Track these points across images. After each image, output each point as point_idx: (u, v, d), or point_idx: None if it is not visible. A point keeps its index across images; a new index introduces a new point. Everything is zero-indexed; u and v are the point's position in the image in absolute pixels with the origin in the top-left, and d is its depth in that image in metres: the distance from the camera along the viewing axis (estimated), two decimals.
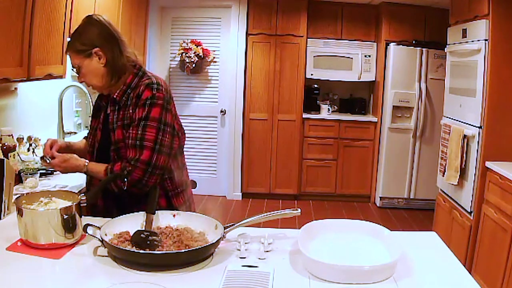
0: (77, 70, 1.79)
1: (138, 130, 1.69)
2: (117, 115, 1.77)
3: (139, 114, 1.70)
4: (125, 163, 1.68)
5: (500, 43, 3.26)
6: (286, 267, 1.35)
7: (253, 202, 5.33)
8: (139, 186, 1.68)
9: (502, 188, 3.04)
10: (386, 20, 5.18)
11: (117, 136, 1.75)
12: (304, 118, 5.36)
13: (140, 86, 1.75)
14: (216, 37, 5.27)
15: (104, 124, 1.83)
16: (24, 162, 2.43)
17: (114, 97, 1.79)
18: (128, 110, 1.74)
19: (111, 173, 1.68)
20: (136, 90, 1.75)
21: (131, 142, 1.69)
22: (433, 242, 1.62)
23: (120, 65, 1.77)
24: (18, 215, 1.40)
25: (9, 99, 2.69)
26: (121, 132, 1.74)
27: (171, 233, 1.47)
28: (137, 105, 1.71)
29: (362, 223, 1.59)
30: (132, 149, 1.68)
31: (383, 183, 5.29)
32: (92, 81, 1.78)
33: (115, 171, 1.67)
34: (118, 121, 1.76)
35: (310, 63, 5.39)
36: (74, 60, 1.77)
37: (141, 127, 1.69)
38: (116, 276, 1.25)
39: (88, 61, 1.75)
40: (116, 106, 1.79)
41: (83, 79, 1.80)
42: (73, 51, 1.76)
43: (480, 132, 3.36)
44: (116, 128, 1.76)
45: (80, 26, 1.78)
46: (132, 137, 1.69)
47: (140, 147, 1.67)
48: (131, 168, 1.66)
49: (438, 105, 4.87)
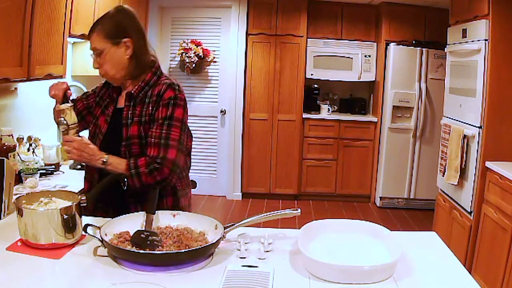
0: (96, 55, 1.73)
1: (162, 129, 1.69)
2: (133, 111, 1.75)
3: (162, 113, 1.70)
4: (149, 160, 1.66)
5: (500, 43, 3.26)
6: (286, 267, 1.35)
7: (253, 202, 5.33)
8: (164, 184, 1.69)
9: (502, 188, 3.04)
10: (386, 20, 5.18)
11: (131, 132, 1.73)
12: (304, 118, 5.36)
13: (160, 85, 1.75)
14: (216, 37, 5.28)
15: (114, 118, 1.79)
16: (24, 162, 2.43)
17: (131, 93, 1.76)
18: (146, 107, 1.73)
19: (135, 168, 1.66)
20: (155, 88, 1.75)
21: (155, 141, 1.68)
22: (433, 242, 1.62)
23: (143, 61, 1.77)
24: (18, 215, 1.40)
25: (9, 99, 2.69)
26: (136, 128, 1.73)
27: (171, 233, 1.47)
28: (159, 103, 1.71)
29: (362, 223, 1.59)
30: (156, 147, 1.67)
31: (383, 183, 5.29)
32: (111, 71, 1.74)
33: (140, 166, 1.65)
34: (134, 117, 1.74)
35: (310, 63, 5.39)
36: (99, 44, 1.71)
37: (166, 126, 1.69)
38: (116, 276, 1.25)
39: (114, 49, 1.72)
40: (131, 102, 1.76)
41: (101, 66, 1.74)
42: (101, 35, 1.71)
43: (480, 132, 3.36)
44: (131, 124, 1.74)
45: (112, 12, 1.75)
46: (156, 135, 1.68)
47: (165, 146, 1.67)
48: (158, 166, 1.65)
49: (438, 105, 4.87)
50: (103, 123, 1.81)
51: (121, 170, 1.67)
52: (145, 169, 1.65)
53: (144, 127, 1.72)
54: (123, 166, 1.67)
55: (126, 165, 1.67)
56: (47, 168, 2.57)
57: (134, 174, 1.65)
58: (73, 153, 1.66)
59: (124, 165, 1.67)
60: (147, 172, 1.65)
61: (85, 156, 1.67)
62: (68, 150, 1.67)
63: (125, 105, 1.77)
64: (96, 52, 1.73)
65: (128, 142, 1.73)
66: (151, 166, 1.65)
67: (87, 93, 1.97)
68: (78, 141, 1.67)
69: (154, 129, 1.69)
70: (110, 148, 1.72)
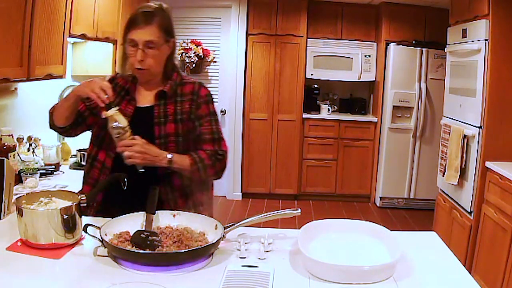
0: (144, 46, 1.68)
1: (212, 125, 1.79)
2: (164, 108, 1.76)
3: (205, 110, 1.79)
4: (210, 153, 1.75)
5: (500, 43, 3.26)
6: (286, 267, 1.35)
7: (253, 202, 5.33)
8: (221, 175, 1.81)
9: (502, 188, 3.04)
10: (386, 20, 5.18)
11: (168, 130, 1.74)
12: (304, 118, 5.36)
13: (189, 84, 1.81)
14: (216, 37, 5.27)
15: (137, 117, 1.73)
16: (24, 162, 2.43)
17: (164, 91, 1.77)
18: (180, 105, 1.77)
19: (200, 161, 1.71)
20: (184, 87, 1.80)
21: (209, 136, 1.78)
22: (433, 242, 1.62)
23: (173, 62, 1.83)
24: (18, 215, 1.40)
25: (9, 99, 2.69)
26: (174, 126, 1.75)
27: (171, 233, 1.47)
28: (197, 101, 1.78)
29: (362, 223, 1.59)
30: (211, 141, 1.78)
31: (383, 183, 5.29)
32: (154, 66, 1.73)
33: (204, 159, 1.73)
34: (169, 115, 1.75)
35: (310, 63, 5.39)
36: (155, 37, 1.68)
37: (213, 121, 1.80)
38: (116, 276, 1.25)
39: (164, 46, 1.74)
40: (162, 100, 1.77)
41: (145, 59, 1.69)
42: (160, 28, 1.70)
43: (480, 132, 3.36)
44: (166, 122, 1.74)
45: (164, 8, 1.77)
46: (208, 131, 1.78)
47: (218, 140, 1.80)
48: (220, 157, 1.78)
49: (438, 105, 4.87)
50: None
51: (185, 166, 1.70)
52: (209, 162, 1.74)
53: (182, 125, 1.75)
54: (187, 161, 1.70)
55: (191, 160, 1.70)
56: (47, 168, 2.57)
57: (201, 168, 1.71)
58: (136, 157, 1.60)
59: (188, 160, 1.70)
60: (211, 164, 1.74)
61: (149, 158, 1.62)
62: (129, 155, 1.60)
63: (155, 104, 1.77)
64: (146, 44, 1.68)
65: (164, 140, 1.73)
66: (213, 158, 1.75)
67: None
68: (139, 144, 1.61)
69: (205, 126, 1.78)
70: None
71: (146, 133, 1.69)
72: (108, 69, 3.50)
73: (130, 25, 1.71)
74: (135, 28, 1.69)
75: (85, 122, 1.84)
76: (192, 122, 1.78)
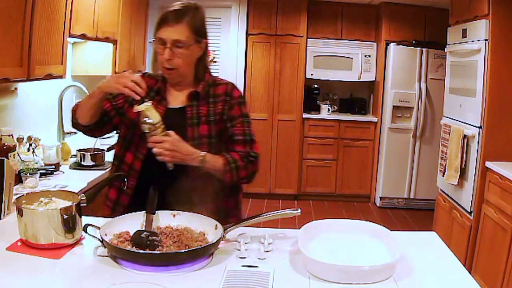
0: (173, 45, 1.62)
1: (244, 126, 1.74)
2: (197, 109, 1.71)
3: (238, 112, 1.74)
4: (243, 154, 1.70)
5: (500, 43, 3.26)
6: (286, 267, 1.35)
7: (253, 202, 5.33)
8: (253, 178, 1.75)
9: (502, 188, 3.04)
10: (386, 20, 5.18)
11: (201, 132, 1.69)
12: (304, 118, 5.36)
13: (222, 84, 1.77)
14: (216, 37, 5.27)
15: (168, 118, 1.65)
16: (24, 162, 2.43)
17: (197, 92, 1.72)
18: (213, 106, 1.72)
19: (234, 162, 1.66)
20: (217, 88, 1.76)
21: (241, 138, 1.73)
22: (433, 242, 1.62)
23: (205, 63, 1.77)
24: (18, 215, 1.39)
25: (9, 99, 2.69)
26: (207, 127, 1.70)
27: (171, 233, 1.47)
28: (230, 102, 1.74)
29: (362, 223, 1.58)
30: (243, 143, 1.72)
31: (383, 183, 5.29)
32: (183, 67, 1.67)
33: (237, 160, 1.68)
34: (202, 116, 1.70)
35: (310, 63, 5.39)
36: (184, 36, 1.63)
37: (246, 123, 1.75)
38: (116, 276, 1.25)
39: (194, 46, 1.67)
40: (194, 101, 1.72)
41: (173, 58, 1.64)
42: (190, 28, 1.64)
43: (480, 132, 3.36)
44: (200, 123, 1.69)
45: (196, 7, 1.70)
46: (240, 132, 1.73)
47: (251, 141, 1.74)
48: (253, 159, 1.71)
49: (438, 105, 4.87)
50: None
51: (218, 166, 1.64)
52: (241, 163, 1.68)
53: (215, 126, 1.71)
54: (220, 161, 1.64)
55: (224, 160, 1.65)
56: (47, 168, 2.57)
57: (234, 168, 1.66)
58: (165, 155, 1.54)
59: (221, 160, 1.64)
60: (243, 165, 1.68)
61: (179, 156, 1.56)
62: (158, 152, 1.54)
63: (188, 105, 1.72)
64: (174, 43, 1.62)
65: (198, 142, 1.66)
66: (245, 160, 1.69)
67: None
68: (169, 141, 1.55)
69: (238, 127, 1.73)
70: None
71: (178, 134, 1.61)
72: (108, 69, 3.50)
73: (160, 22, 1.65)
74: (164, 26, 1.64)
75: (111, 122, 1.78)
76: (224, 123, 1.73)
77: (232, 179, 1.67)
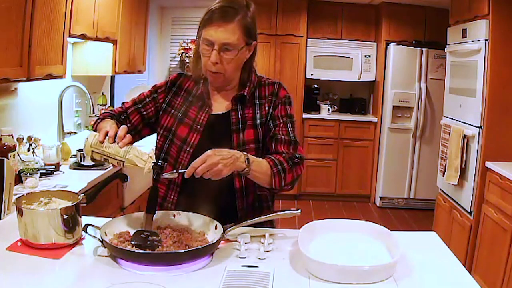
0: (220, 48, 1.48)
1: (288, 127, 1.62)
2: (242, 114, 1.60)
3: (282, 112, 1.63)
4: (287, 156, 1.55)
5: (500, 43, 3.26)
6: (286, 267, 1.35)
7: None
8: (296, 183, 1.59)
9: (502, 188, 3.04)
10: (386, 20, 5.18)
11: (247, 137, 1.58)
12: (304, 118, 5.36)
13: (268, 85, 1.66)
14: None
15: (212, 125, 1.59)
16: (24, 162, 2.43)
17: (243, 95, 1.60)
18: (260, 108, 1.62)
19: (280, 164, 1.50)
20: (262, 88, 1.65)
21: (285, 138, 1.59)
22: (433, 242, 1.62)
23: (252, 65, 1.65)
24: (18, 215, 1.39)
25: (9, 99, 2.69)
26: (253, 132, 1.59)
27: (171, 233, 1.47)
28: (275, 102, 1.63)
29: (362, 223, 1.58)
30: (287, 144, 1.59)
31: (383, 183, 5.29)
32: (231, 72, 1.55)
33: (283, 162, 1.52)
34: (247, 120, 1.60)
35: (310, 63, 5.39)
36: (231, 38, 1.47)
37: (290, 124, 1.63)
38: (116, 276, 1.25)
39: (244, 49, 1.53)
40: (239, 106, 1.61)
41: (221, 62, 1.50)
42: (241, 29, 1.49)
43: (480, 132, 3.36)
44: (245, 128, 1.59)
45: (248, 4, 1.55)
46: (284, 133, 1.60)
47: (295, 143, 1.60)
48: (298, 161, 1.57)
49: (438, 105, 4.87)
50: (193, 133, 1.59)
51: (264, 169, 1.48)
52: (287, 165, 1.52)
53: (261, 129, 1.60)
54: (264, 164, 1.48)
55: (270, 162, 1.49)
56: (47, 168, 2.57)
57: (281, 171, 1.50)
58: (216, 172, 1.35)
59: (265, 163, 1.48)
60: (289, 168, 1.52)
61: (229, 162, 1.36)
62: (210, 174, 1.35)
63: (232, 109, 1.60)
64: (222, 45, 1.48)
65: (244, 148, 1.55)
66: (290, 162, 1.54)
67: (142, 101, 1.68)
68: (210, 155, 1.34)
69: (282, 127, 1.60)
70: None
71: (222, 142, 1.48)
72: (108, 69, 3.51)
73: (207, 20, 1.49)
74: (212, 25, 1.48)
75: (140, 134, 1.68)
76: (268, 124, 1.62)
77: (281, 185, 1.50)
